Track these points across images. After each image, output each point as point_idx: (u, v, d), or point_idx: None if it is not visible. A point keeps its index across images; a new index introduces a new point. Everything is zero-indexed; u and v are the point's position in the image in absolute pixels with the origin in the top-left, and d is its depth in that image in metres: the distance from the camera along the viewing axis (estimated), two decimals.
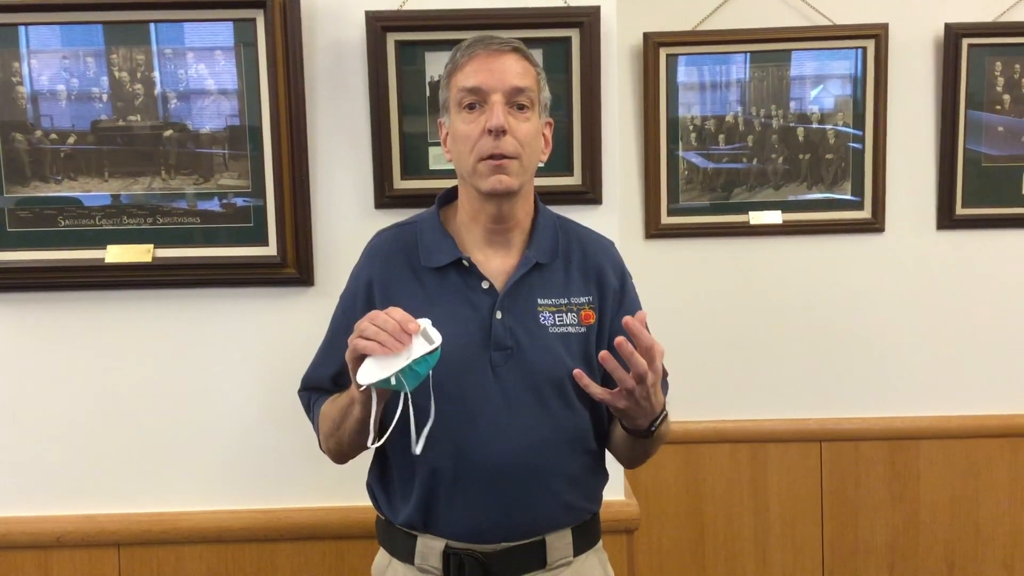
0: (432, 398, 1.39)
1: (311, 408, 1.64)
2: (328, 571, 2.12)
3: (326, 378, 1.61)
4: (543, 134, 1.55)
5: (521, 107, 1.48)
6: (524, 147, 1.47)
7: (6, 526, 2.08)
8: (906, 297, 2.84)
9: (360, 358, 1.35)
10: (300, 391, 1.68)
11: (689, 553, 2.90)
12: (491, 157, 1.45)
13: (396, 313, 1.34)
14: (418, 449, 1.38)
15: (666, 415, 1.49)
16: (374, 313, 1.35)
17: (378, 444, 1.39)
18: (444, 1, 1.99)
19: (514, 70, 1.47)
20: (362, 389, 1.34)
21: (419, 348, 1.31)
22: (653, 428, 1.47)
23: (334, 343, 1.60)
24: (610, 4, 2.00)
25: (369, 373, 1.31)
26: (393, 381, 1.30)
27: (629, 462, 1.65)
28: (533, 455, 1.48)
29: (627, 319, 1.34)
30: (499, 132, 1.44)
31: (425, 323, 1.34)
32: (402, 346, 1.31)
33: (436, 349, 1.32)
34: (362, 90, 2.02)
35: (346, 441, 1.54)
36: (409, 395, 1.34)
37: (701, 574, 2.90)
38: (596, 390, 1.41)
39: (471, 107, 1.47)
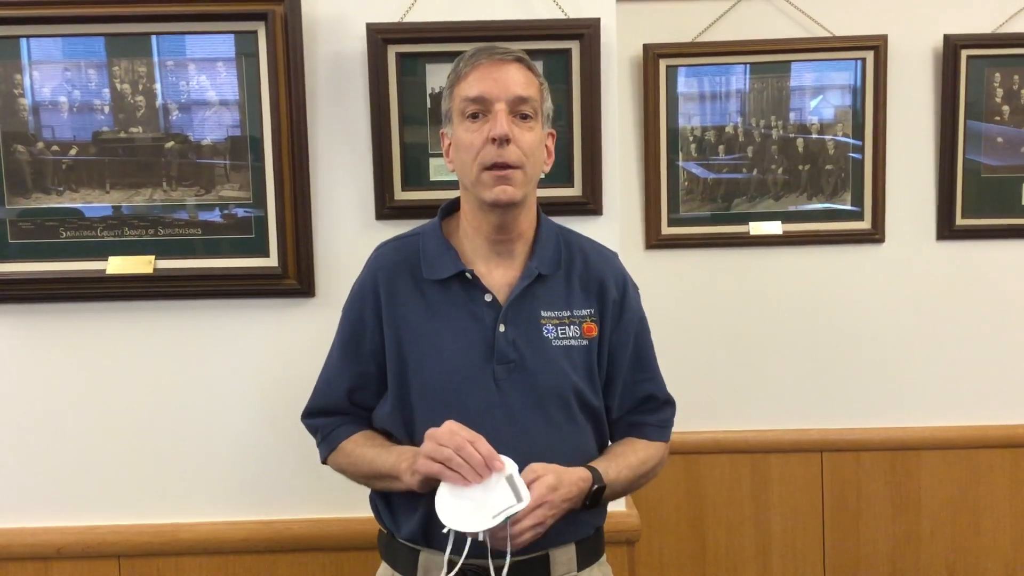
0: None
1: (327, 438, 1.61)
2: None
3: (341, 394, 1.59)
4: (546, 145, 1.55)
5: (524, 117, 1.48)
6: (527, 157, 1.47)
7: (6, 537, 2.07)
8: (906, 307, 2.84)
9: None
10: (307, 418, 1.65)
11: (690, 564, 2.89)
12: (494, 166, 1.45)
13: (483, 447, 1.36)
14: None
15: (599, 490, 1.48)
16: (459, 442, 1.36)
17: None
18: (445, 13, 2.00)
19: (517, 80, 1.47)
20: (445, 531, 1.35)
21: (504, 498, 1.33)
22: (588, 504, 1.48)
23: (347, 357, 1.59)
24: (610, 16, 2.01)
25: (455, 517, 1.33)
26: (481, 537, 1.33)
27: None
28: None
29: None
30: (503, 141, 1.44)
31: (512, 468, 1.36)
32: (481, 480, 1.34)
33: (517, 512, 1.33)
34: (363, 101, 2.03)
35: (377, 490, 1.57)
36: (487, 540, 1.36)
37: None
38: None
39: (474, 116, 1.48)
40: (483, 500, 1.33)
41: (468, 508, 1.33)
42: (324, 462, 1.63)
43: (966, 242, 2.82)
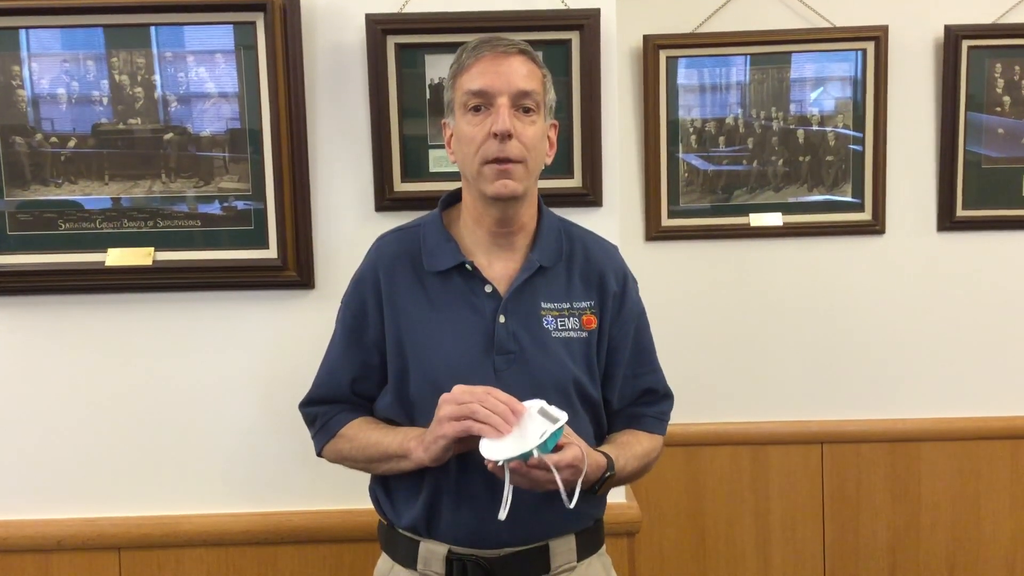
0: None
1: (326, 425, 1.60)
2: (328, 574, 2.12)
3: (344, 385, 1.59)
4: (548, 136, 1.54)
5: (527, 110, 1.47)
6: (529, 151, 1.47)
7: (7, 529, 2.08)
8: (906, 299, 2.84)
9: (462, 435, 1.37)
10: (306, 407, 1.64)
11: (690, 555, 2.90)
12: (496, 161, 1.45)
13: (501, 396, 1.36)
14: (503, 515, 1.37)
15: (608, 477, 1.47)
16: (479, 395, 1.36)
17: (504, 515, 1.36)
18: (444, 4, 1.99)
19: (520, 72, 1.47)
20: (500, 464, 1.33)
21: (541, 426, 1.33)
22: (596, 489, 1.47)
23: (350, 347, 1.58)
24: (610, 6, 2.00)
25: (501, 449, 1.33)
26: (536, 454, 1.32)
27: None
28: None
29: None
30: (505, 136, 1.44)
31: (541, 403, 1.37)
32: (510, 428, 1.34)
33: (561, 426, 1.34)
34: (362, 93, 2.02)
35: (379, 475, 1.57)
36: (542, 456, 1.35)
37: None
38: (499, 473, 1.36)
39: (476, 109, 1.47)
40: (523, 434, 1.34)
41: (512, 444, 1.33)
42: (320, 454, 1.63)
43: (967, 233, 2.82)
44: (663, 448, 1.66)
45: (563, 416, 1.35)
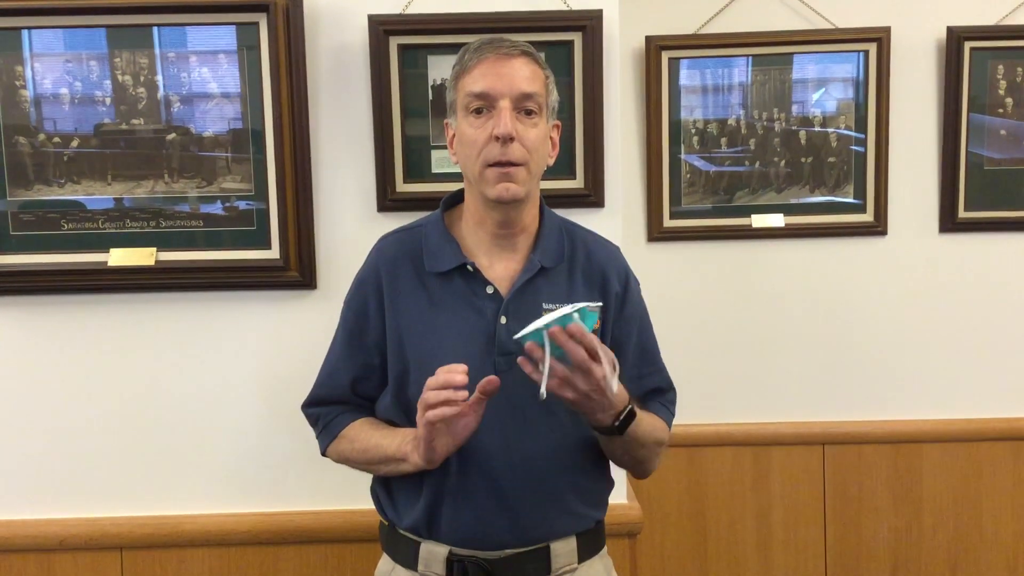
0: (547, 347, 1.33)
1: (328, 426, 1.60)
2: (330, 574, 2.12)
3: (344, 385, 1.59)
4: (550, 137, 1.54)
5: (529, 112, 1.47)
6: (532, 153, 1.46)
7: (9, 529, 2.08)
8: (908, 300, 2.84)
9: (432, 435, 1.39)
10: (309, 408, 1.64)
11: (691, 556, 2.90)
12: (498, 164, 1.45)
13: (443, 369, 1.36)
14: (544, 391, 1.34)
15: (632, 411, 1.44)
16: (427, 387, 1.37)
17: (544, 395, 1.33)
18: (447, 5, 1.99)
19: (522, 75, 1.46)
20: (540, 332, 1.31)
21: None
22: (618, 423, 1.43)
23: (350, 348, 1.59)
24: (612, 7, 2.00)
25: (539, 321, 1.33)
26: (575, 316, 1.31)
27: (629, 468, 1.64)
28: (538, 461, 1.48)
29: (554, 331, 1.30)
30: (507, 139, 1.43)
31: (576, 304, 1.35)
32: (464, 392, 1.34)
33: (599, 306, 1.34)
34: (365, 93, 2.02)
35: (380, 475, 1.57)
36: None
37: None
38: (537, 376, 1.34)
39: (478, 111, 1.47)
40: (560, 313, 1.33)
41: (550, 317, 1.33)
42: (324, 454, 1.63)
43: (969, 235, 2.82)
44: (667, 444, 1.64)
45: (598, 305, 1.35)
